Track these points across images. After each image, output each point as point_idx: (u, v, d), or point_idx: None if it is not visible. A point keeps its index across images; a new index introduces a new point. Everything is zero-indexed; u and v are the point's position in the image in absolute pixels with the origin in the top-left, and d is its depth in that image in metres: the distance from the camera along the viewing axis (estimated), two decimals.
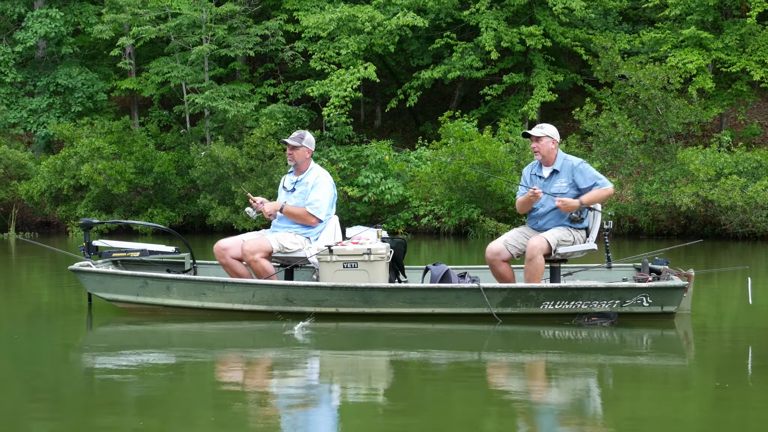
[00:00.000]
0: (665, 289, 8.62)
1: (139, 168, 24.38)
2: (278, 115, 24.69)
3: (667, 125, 21.24)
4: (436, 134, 25.44)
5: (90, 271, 9.34)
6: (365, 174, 23.61)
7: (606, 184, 9.02)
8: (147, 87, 26.76)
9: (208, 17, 25.25)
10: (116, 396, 6.21)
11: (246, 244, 9.19)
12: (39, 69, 27.83)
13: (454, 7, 25.68)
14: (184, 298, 9.13)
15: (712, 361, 7.43)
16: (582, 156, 21.25)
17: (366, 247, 8.97)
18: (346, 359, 7.45)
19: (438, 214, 23.11)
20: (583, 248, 9.09)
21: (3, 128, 26.79)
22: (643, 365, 7.15)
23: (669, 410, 5.77)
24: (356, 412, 5.76)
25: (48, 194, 24.45)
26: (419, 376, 6.82)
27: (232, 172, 23.34)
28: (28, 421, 5.67)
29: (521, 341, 8.13)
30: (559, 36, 25.12)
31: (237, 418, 5.64)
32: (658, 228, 21.34)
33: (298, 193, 9.50)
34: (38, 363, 7.43)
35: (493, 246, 9.14)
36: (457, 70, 25.16)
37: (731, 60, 23.20)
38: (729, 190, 19.39)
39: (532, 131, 9.21)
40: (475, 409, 5.84)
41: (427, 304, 8.77)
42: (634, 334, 8.32)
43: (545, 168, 9.22)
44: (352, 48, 24.55)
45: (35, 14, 26.67)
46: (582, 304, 8.66)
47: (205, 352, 7.74)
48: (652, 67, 20.78)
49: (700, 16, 23.53)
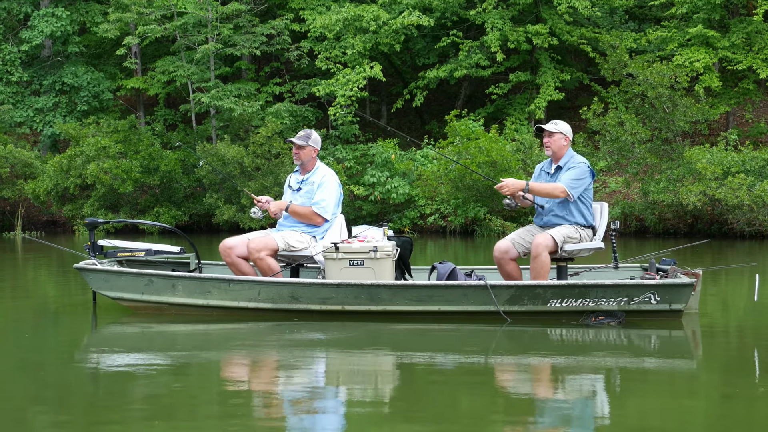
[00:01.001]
0: (673, 287, 8.56)
1: (145, 167, 24.37)
2: (284, 114, 24.68)
3: (674, 124, 21.17)
4: (442, 133, 25.40)
5: (95, 269, 9.30)
6: (371, 173, 23.58)
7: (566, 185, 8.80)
8: (153, 86, 26.76)
9: (214, 16, 25.23)
10: (122, 396, 6.18)
11: (251, 242, 9.15)
12: (45, 68, 27.84)
13: (460, 6, 25.62)
14: (190, 296, 9.09)
15: (720, 363, 7.36)
16: (589, 155, 21.21)
17: (372, 245, 8.92)
18: (352, 360, 7.40)
19: (444, 213, 23.06)
20: (589, 246, 9.03)
21: (9, 127, 26.82)
22: (651, 367, 7.08)
23: (677, 414, 5.72)
24: (362, 414, 5.71)
25: (54, 193, 24.46)
26: (426, 378, 6.76)
27: (238, 172, 23.32)
28: (34, 421, 5.64)
29: (528, 342, 8.04)
30: (565, 34, 25.07)
31: (243, 419, 5.60)
32: (664, 227, 21.28)
33: (304, 192, 9.46)
34: (44, 362, 7.40)
35: (500, 244, 9.09)
36: (464, 68, 25.12)
37: (737, 58, 23.12)
38: (736, 188, 19.33)
39: (546, 126, 9.14)
40: (482, 414, 5.79)
41: (434, 301, 8.70)
42: (642, 334, 8.24)
43: (553, 164, 9.17)
44: (357, 47, 24.53)
45: (41, 13, 26.69)
46: (589, 301, 8.60)
47: (210, 352, 7.70)
48: (660, 66, 20.71)
49: (706, 15, 23.45)
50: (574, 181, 8.87)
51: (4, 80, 27.12)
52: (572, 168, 8.96)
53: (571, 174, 8.91)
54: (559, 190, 8.84)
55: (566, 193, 8.84)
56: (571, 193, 8.86)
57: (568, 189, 8.84)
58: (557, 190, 8.85)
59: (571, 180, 8.87)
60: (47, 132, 26.87)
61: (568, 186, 8.85)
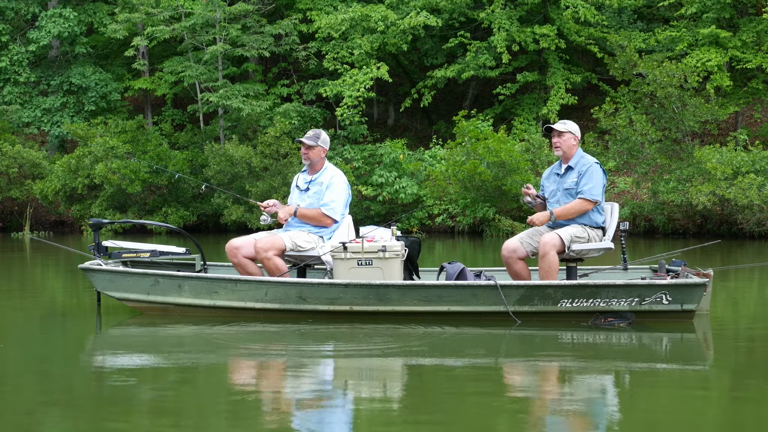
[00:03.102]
0: (685, 287, 8.47)
1: (153, 167, 24.35)
2: (293, 114, 24.65)
3: (683, 123, 21.07)
4: (449, 133, 25.34)
5: (100, 269, 9.22)
6: (379, 173, 23.53)
7: (589, 196, 8.79)
8: (160, 86, 26.74)
9: (222, 16, 25.20)
10: (128, 398, 6.13)
11: (259, 241, 9.09)
12: (52, 68, 27.85)
13: (468, 7, 25.56)
14: (196, 297, 9.01)
15: (732, 365, 7.27)
16: (598, 155, 21.11)
17: (381, 244, 8.85)
18: (359, 362, 7.33)
19: (452, 213, 23.00)
20: (598, 246, 8.94)
21: (17, 127, 26.83)
22: (663, 370, 6.99)
23: (688, 418, 5.65)
24: (370, 417, 5.65)
25: (62, 193, 24.46)
26: (435, 381, 6.67)
27: (246, 172, 23.29)
28: (40, 422, 5.59)
29: (539, 345, 7.91)
30: (573, 35, 24.98)
31: (250, 421, 5.55)
32: (673, 227, 21.20)
33: (313, 192, 9.40)
34: (50, 364, 7.36)
35: (509, 243, 9.02)
36: (471, 69, 25.05)
37: (747, 58, 23.02)
38: (746, 188, 19.23)
39: (555, 125, 9.08)
40: (490, 417, 5.72)
41: (443, 301, 8.62)
42: (653, 337, 8.13)
43: (563, 165, 9.10)
44: (365, 48, 24.48)
45: (49, 14, 26.69)
46: (600, 302, 8.50)
47: (217, 353, 7.63)
48: (670, 65, 20.62)
49: (716, 14, 23.35)
50: (593, 187, 8.84)
51: (11, 80, 27.13)
52: (586, 173, 8.88)
53: (592, 178, 8.86)
54: (583, 205, 8.82)
55: (591, 202, 8.83)
56: (595, 198, 8.84)
57: (591, 197, 8.82)
58: (581, 205, 8.83)
59: (590, 188, 8.83)
60: (55, 132, 26.87)
61: (589, 196, 8.81)
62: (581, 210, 8.84)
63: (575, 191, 8.90)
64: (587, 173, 8.88)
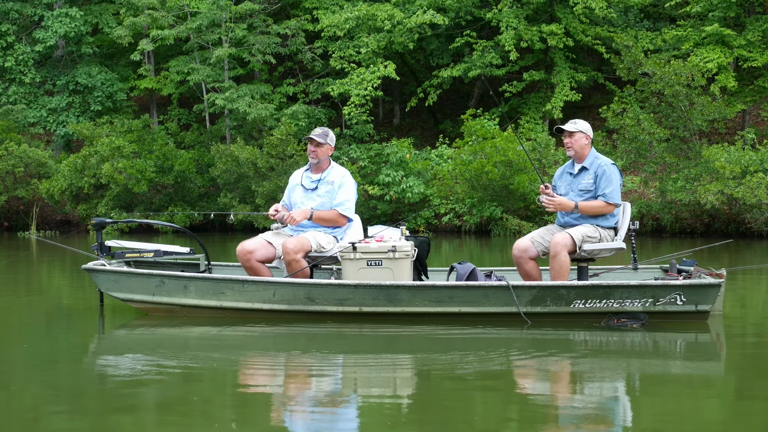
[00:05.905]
0: (700, 287, 8.36)
1: (159, 166, 24.31)
2: (300, 115, 24.60)
3: (691, 122, 20.95)
4: (456, 132, 25.25)
5: (104, 270, 9.09)
6: (386, 172, 23.45)
7: (611, 199, 8.73)
8: (166, 86, 26.70)
9: (228, 16, 25.14)
10: (134, 400, 6.05)
11: (288, 242, 8.91)
12: (58, 68, 27.81)
13: (474, 5, 25.47)
14: (202, 298, 8.89)
15: (747, 366, 7.17)
16: (606, 154, 21.01)
17: (391, 245, 8.75)
18: (369, 364, 7.24)
19: (459, 213, 22.91)
20: (610, 246, 8.83)
21: (23, 127, 26.79)
22: (677, 373, 6.87)
23: (702, 421, 5.56)
24: (379, 420, 5.56)
25: (68, 193, 24.42)
26: (445, 383, 6.56)
27: (252, 172, 23.24)
28: (45, 421, 5.52)
29: (551, 347, 7.75)
30: (579, 34, 24.88)
31: (257, 424, 5.48)
32: (681, 226, 21.10)
33: (324, 192, 9.26)
34: (55, 365, 7.29)
35: (520, 243, 8.91)
36: (478, 68, 24.95)
37: (753, 56, 22.89)
38: (755, 187, 19.13)
39: (566, 126, 8.98)
40: (501, 419, 5.63)
41: (454, 302, 8.51)
42: (667, 338, 8.02)
43: (576, 164, 8.99)
44: (371, 46, 24.41)
45: (55, 14, 26.64)
46: (614, 302, 8.40)
47: (224, 355, 7.53)
48: (677, 64, 20.51)
49: (722, 13, 23.23)
50: (614, 191, 8.77)
51: (17, 80, 27.08)
52: (604, 176, 8.77)
53: (611, 180, 8.77)
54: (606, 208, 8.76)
55: (612, 204, 8.77)
56: (616, 202, 8.79)
57: (613, 201, 8.76)
58: (604, 208, 8.76)
59: (611, 192, 8.76)
60: (60, 132, 26.83)
61: (611, 200, 8.75)
62: (602, 212, 8.78)
63: (592, 193, 8.79)
64: (605, 176, 8.77)
